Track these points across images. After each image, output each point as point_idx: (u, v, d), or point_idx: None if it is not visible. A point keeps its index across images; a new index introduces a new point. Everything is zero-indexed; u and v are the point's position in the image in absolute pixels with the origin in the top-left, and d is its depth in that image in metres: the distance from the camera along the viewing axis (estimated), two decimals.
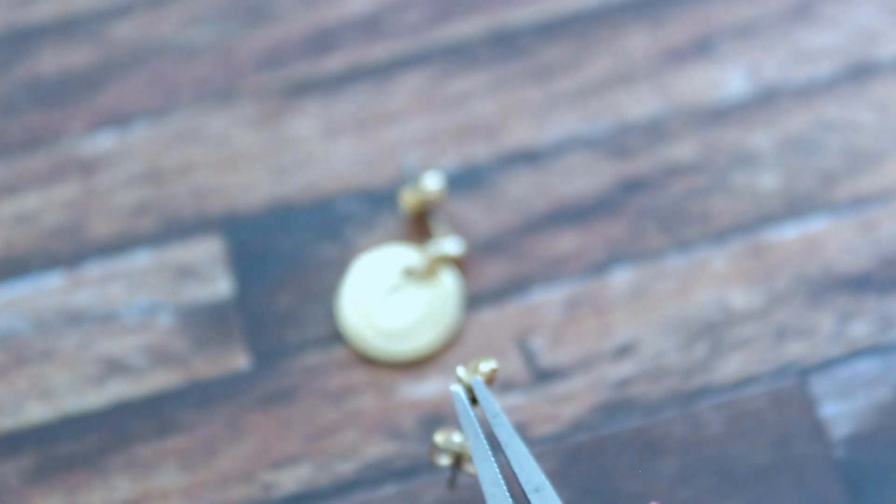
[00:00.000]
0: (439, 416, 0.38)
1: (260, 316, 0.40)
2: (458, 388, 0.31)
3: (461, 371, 0.31)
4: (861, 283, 0.39)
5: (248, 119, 0.43)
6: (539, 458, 0.34)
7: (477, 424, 0.31)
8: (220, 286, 0.40)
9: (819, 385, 0.38)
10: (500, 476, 0.30)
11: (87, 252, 0.41)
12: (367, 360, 0.39)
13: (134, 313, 0.40)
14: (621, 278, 0.39)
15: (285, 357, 0.39)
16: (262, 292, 0.40)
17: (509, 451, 0.30)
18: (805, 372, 0.38)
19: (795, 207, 0.40)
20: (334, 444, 0.38)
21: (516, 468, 0.30)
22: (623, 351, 0.38)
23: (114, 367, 0.39)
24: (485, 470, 0.30)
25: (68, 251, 0.41)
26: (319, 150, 0.43)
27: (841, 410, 0.37)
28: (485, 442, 0.30)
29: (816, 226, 0.40)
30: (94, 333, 0.40)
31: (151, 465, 0.37)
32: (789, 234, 0.40)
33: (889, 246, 0.40)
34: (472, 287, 0.40)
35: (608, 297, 0.39)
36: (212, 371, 0.39)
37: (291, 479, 0.37)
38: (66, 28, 0.45)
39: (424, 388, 0.38)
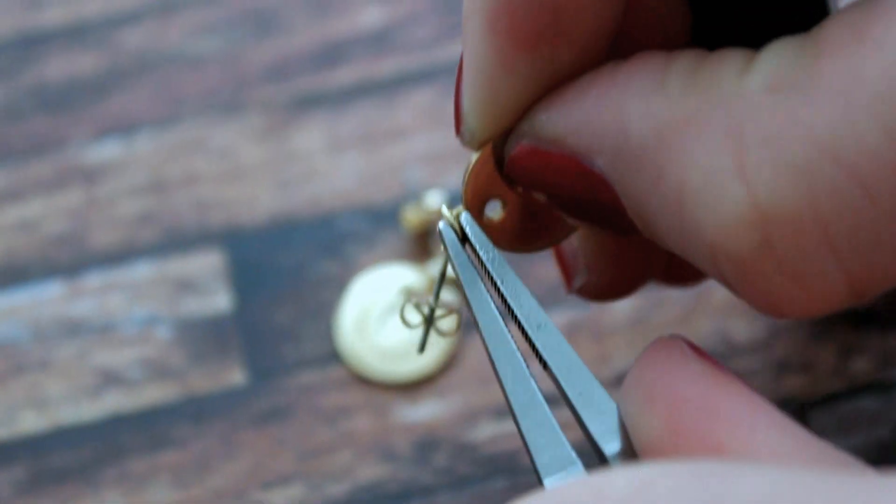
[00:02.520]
0: (434, 440, 0.37)
1: (258, 332, 0.40)
2: (445, 226, 0.28)
3: (446, 210, 0.28)
4: (864, 318, 0.39)
5: (254, 131, 0.43)
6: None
7: (469, 264, 0.28)
8: (219, 300, 0.40)
9: (819, 420, 0.37)
10: (498, 317, 0.27)
11: (87, 261, 0.41)
12: (364, 381, 0.39)
13: (132, 325, 0.40)
14: (622, 305, 0.39)
15: (282, 374, 0.39)
16: (260, 308, 0.40)
17: (506, 290, 0.27)
18: (805, 406, 0.38)
19: None
20: (327, 465, 0.37)
21: (514, 306, 0.27)
22: (621, 379, 0.38)
23: (110, 379, 0.39)
24: (480, 308, 0.27)
25: (69, 260, 0.41)
26: (324, 165, 0.42)
27: (841, 447, 0.37)
28: (479, 282, 0.27)
29: None
30: (91, 344, 0.40)
31: (143, 479, 0.37)
32: None
33: None
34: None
35: (608, 324, 0.39)
36: (208, 386, 0.39)
37: (283, 499, 0.37)
38: (75, 34, 0.45)
39: (420, 411, 0.38)
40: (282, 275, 0.41)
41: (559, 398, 0.27)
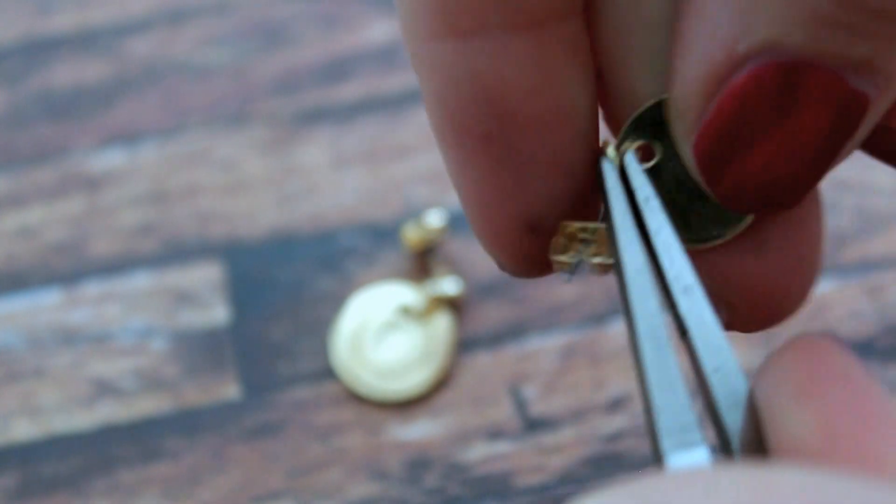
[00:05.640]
0: (426, 460, 0.37)
1: (254, 346, 0.39)
2: (608, 162, 0.26)
3: (610, 149, 0.25)
4: (864, 349, 0.38)
5: (258, 144, 0.43)
6: None
7: (626, 204, 0.25)
8: (217, 313, 0.40)
9: None
10: (645, 265, 0.25)
11: (86, 270, 0.41)
12: (358, 398, 0.38)
13: (128, 335, 0.40)
14: (620, 330, 0.39)
15: (275, 389, 0.39)
16: (257, 322, 0.40)
17: (658, 242, 0.25)
18: None
19: None
20: (318, 482, 0.37)
21: (665, 262, 0.25)
22: (616, 404, 0.38)
23: (104, 389, 0.39)
24: (630, 256, 0.25)
25: (68, 268, 0.41)
26: (326, 180, 0.42)
27: None
28: (632, 226, 0.25)
29: (823, 287, 0.39)
30: (87, 353, 0.40)
31: (133, 491, 0.37)
32: None
33: (894, 312, 0.39)
34: (468, 329, 0.39)
35: (605, 348, 0.39)
36: (201, 399, 0.39)
37: None
38: (83, 41, 0.45)
39: (412, 431, 0.38)
40: (280, 289, 0.40)
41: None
